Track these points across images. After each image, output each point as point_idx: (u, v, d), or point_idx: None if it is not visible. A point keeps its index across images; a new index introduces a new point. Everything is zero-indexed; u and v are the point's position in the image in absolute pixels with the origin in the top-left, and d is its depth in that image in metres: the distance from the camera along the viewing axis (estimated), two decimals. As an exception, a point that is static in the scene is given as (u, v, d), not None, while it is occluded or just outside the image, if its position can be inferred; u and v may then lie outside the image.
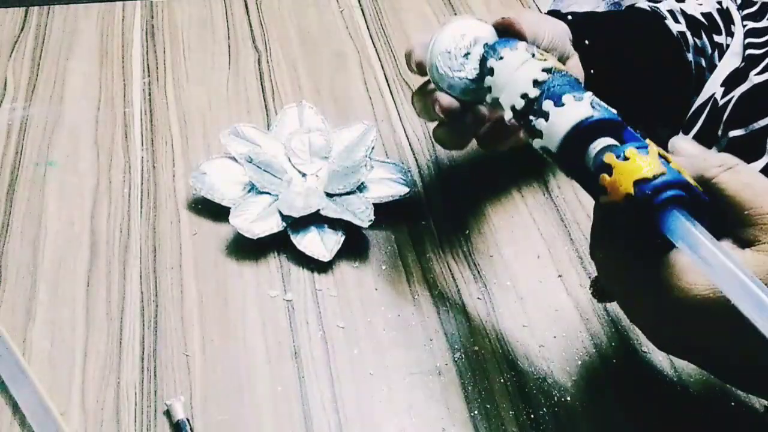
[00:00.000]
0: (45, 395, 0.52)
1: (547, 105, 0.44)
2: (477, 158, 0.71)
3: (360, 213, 0.63)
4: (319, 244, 0.62)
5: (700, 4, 0.72)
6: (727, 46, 0.71)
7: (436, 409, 0.53)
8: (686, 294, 0.40)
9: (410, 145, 0.73)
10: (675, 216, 0.38)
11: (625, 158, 0.39)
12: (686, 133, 0.70)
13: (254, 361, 0.56)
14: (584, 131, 0.43)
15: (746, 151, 0.65)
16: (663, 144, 0.44)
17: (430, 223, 0.66)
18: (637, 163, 0.38)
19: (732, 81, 0.68)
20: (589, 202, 0.67)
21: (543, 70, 0.47)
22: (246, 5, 0.90)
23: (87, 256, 0.62)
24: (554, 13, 0.65)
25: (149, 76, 0.80)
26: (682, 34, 0.69)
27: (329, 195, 0.64)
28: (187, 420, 0.51)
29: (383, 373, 0.55)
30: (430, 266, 0.62)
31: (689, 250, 0.37)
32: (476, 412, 0.53)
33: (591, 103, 0.44)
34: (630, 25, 0.69)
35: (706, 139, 0.68)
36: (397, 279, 0.61)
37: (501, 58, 0.50)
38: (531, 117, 0.46)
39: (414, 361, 0.56)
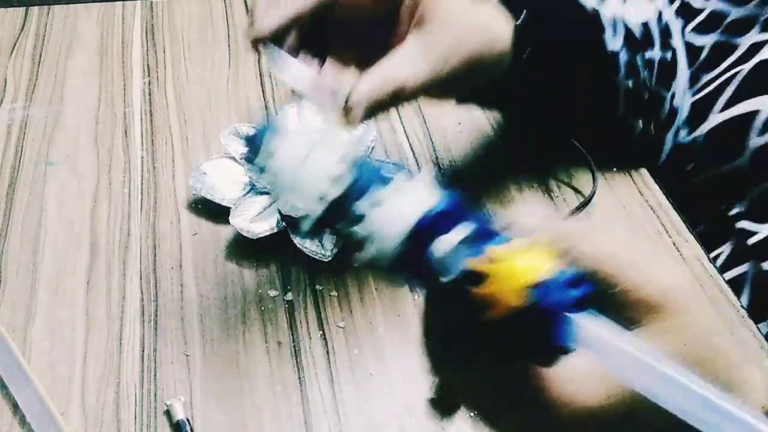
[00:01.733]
0: (45, 395, 0.52)
1: (362, 207, 0.33)
2: (477, 158, 0.71)
3: (360, 213, 0.63)
4: (319, 244, 0.62)
5: (640, 10, 0.70)
6: (661, 60, 0.69)
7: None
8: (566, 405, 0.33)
9: (410, 145, 0.73)
10: (570, 320, 0.30)
11: (491, 260, 0.30)
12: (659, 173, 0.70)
13: (254, 362, 0.56)
14: (420, 232, 0.32)
15: (724, 190, 0.65)
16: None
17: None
18: (515, 268, 0.29)
19: (695, 119, 0.68)
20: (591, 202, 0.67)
21: (339, 163, 0.34)
22: (246, 5, 0.90)
23: (87, 256, 0.62)
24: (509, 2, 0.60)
25: (149, 76, 0.80)
26: (616, 55, 0.67)
27: (329, 195, 0.64)
28: (187, 420, 0.51)
29: (383, 373, 0.55)
30: (430, 266, 0.62)
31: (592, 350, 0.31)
32: (476, 412, 0.53)
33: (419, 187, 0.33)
34: (567, 38, 0.65)
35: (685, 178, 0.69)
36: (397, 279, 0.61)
37: (272, 154, 0.35)
38: (340, 224, 0.34)
39: (414, 361, 0.56)
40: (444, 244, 0.32)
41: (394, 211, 0.33)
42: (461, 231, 0.32)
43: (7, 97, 0.77)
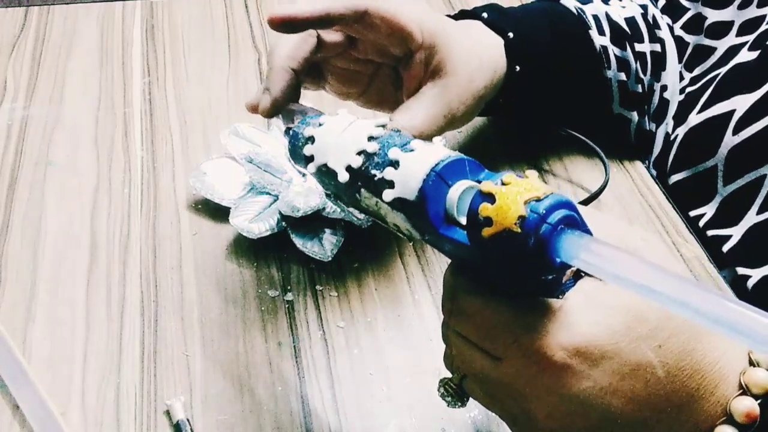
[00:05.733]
0: (45, 395, 0.52)
1: (395, 153, 0.40)
2: (476, 158, 0.71)
3: (360, 213, 0.63)
4: (319, 244, 0.62)
5: (624, 7, 0.72)
6: (652, 53, 0.70)
7: (436, 409, 0.53)
8: (573, 340, 0.36)
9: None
10: (570, 235, 0.34)
11: (504, 184, 0.36)
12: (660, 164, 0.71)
13: (254, 361, 0.56)
14: (444, 172, 0.39)
15: (694, 192, 0.65)
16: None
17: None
18: (523, 185, 0.35)
19: (677, 118, 0.69)
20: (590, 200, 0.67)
21: (377, 127, 0.43)
22: (246, 5, 0.90)
23: (87, 256, 0.62)
24: (497, 22, 0.62)
25: (149, 76, 0.80)
26: (605, 49, 0.68)
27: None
28: (187, 420, 0.51)
29: (383, 373, 0.55)
30: (430, 266, 0.62)
31: (591, 260, 0.33)
32: (476, 412, 0.53)
33: (444, 145, 0.41)
34: (556, 43, 0.66)
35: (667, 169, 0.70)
36: (397, 279, 0.61)
37: (320, 124, 0.46)
38: (374, 171, 0.41)
39: (414, 361, 0.56)
40: (461, 185, 0.39)
41: (419, 156, 0.39)
42: (468, 182, 0.39)
43: (7, 97, 0.77)
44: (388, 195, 0.40)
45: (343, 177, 0.42)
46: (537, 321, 0.37)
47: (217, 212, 0.64)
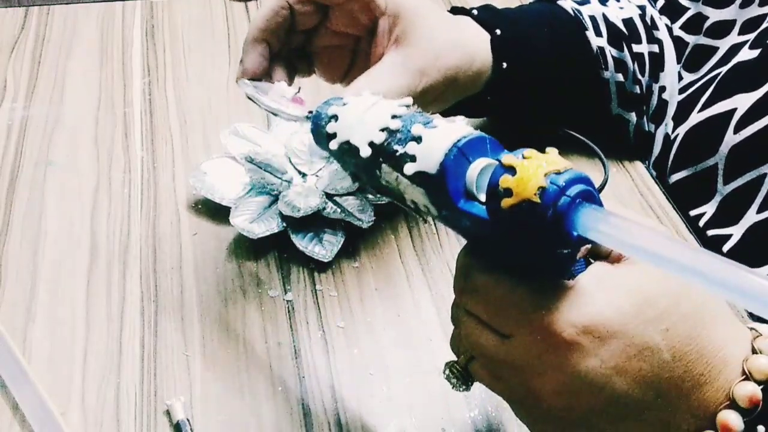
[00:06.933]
0: (45, 395, 0.52)
1: (418, 129, 0.41)
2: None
3: (360, 213, 0.63)
4: (319, 244, 0.62)
5: (622, 8, 0.71)
6: (650, 53, 0.70)
7: (436, 409, 0.53)
8: (584, 320, 0.37)
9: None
10: (588, 208, 0.35)
11: (525, 158, 0.36)
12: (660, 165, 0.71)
13: (254, 361, 0.56)
14: (466, 148, 0.39)
15: (694, 191, 0.65)
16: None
17: (430, 223, 0.66)
18: (543, 159, 0.36)
19: (678, 117, 0.69)
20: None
21: (400, 106, 0.44)
22: (246, 5, 0.90)
23: (87, 256, 0.62)
24: (487, 19, 0.62)
25: (149, 76, 0.80)
26: (602, 50, 0.68)
27: (329, 195, 0.64)
28: (187, 420, 0.51)
29: (383, 373, 0.55)
30: (430, 266, 0.62)
31: (608, 235, 0.34)
32: (476, 412, 0.53)
33: (466, 124, 0.41)
34: (553, 44, 0.66)
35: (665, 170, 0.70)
36: (397, 279, 0.61)
37: (344, 104, 0.46)
38: (396, 147, 0.42)
39: (414, 361, 0.56)
40: (482, 162, 0.39)
41: (442, 132, 0.40)
42: (487, 159, 0.39)
43: (7, 97, 0.77)
44: (410, 169, 0.40)
45: (365, 152, 0.43)
46: (548, 299, 0.37)
47: (217, 212, 0.64)
